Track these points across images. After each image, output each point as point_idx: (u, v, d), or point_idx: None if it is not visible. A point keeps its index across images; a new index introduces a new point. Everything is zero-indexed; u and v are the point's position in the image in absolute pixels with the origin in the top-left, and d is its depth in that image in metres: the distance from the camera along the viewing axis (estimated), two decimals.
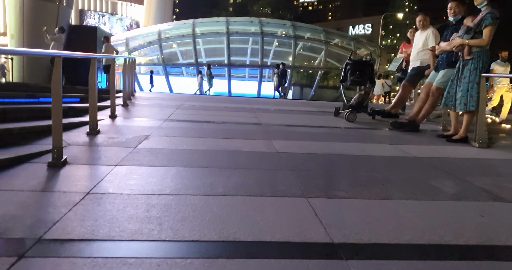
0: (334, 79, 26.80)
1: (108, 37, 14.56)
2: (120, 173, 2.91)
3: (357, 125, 6.18)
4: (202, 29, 23.52)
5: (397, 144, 4.72)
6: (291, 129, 5.47)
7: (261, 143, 4.31)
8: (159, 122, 5.46)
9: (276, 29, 24.65)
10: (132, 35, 23.79)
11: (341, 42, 25.27)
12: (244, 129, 5.35)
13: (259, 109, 7.86)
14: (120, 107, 6.81)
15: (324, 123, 6.41)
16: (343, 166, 3.54)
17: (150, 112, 6.59)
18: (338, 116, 7.19)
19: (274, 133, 5.05)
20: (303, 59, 26.39)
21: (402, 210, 2.47)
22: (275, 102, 11.18)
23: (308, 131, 5.39)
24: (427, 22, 6.89)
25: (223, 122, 5.86)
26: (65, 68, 5.53)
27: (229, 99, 11.43)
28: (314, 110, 8.44)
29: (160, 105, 7.77)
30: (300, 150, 4.06)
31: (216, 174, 3.01)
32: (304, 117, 7.25)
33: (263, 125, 5.68)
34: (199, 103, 8.64)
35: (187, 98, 10.12)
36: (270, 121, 6.31)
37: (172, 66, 24.21)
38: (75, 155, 3.37)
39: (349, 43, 25.05)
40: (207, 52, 25.57)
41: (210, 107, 7.93)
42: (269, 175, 3.09)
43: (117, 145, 3.86)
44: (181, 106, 7.65)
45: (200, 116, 6.44)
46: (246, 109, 7.76)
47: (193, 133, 4.82)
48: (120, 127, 5.03)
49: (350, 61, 6.71)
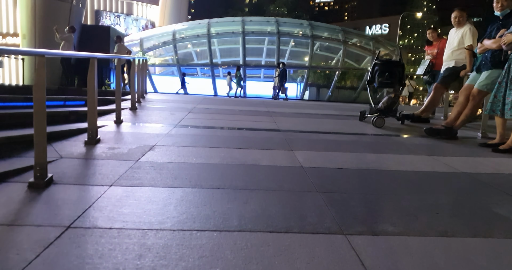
0: (352, 79, 26.08)
1: (121, 37, 14.21)
2: (114, 196, 2.39)
3: (386, 131, 5.58)
4: (218, 29, 23.06)
5: (436, 155, 4.11)
6: (314, 137, 4.90)
7: (281, 155, 3.76)
8: (168, 128, 4.95)
9: (293, 29, 24.04)
10: (146, 35, 23.48)
11: (360, 42, 24.52)
12: (262, 136, 4.80)
13: (277, 113, 7.30)
14: (127, 110, 6.34)
15: (349, 129, 5.82)
16: (382, 186, 2.96)
17: (160, 116, 6.09)
18: (363, 120, 6.59)
19: (296, 142, 4.49)
20: (320, 59, 25.71)
21: (471, 253, 1.89)
22: (292, 104, 10.59)
23: (333, 139, 4.81)
24: (464, 18, 6.25)
25: (238, 128, 5.32)
26: (78, 69, 5.14)
27: (244, 101, 10.90)
28: (336, 114, 7.84)
29: (171, 108, 7.29)
30: (328, 163, 3.50)
31: (230, 198, 2.47)
32: (326, 121, 6.66)
33: (283, 132, 5.12)
34: (213, 106, 8.13)
35: (201, 100, 9.62)
36: (290, 126, 5.75)
37: (186, 66, 23.82)
38: (64, 171, 2.87)
39: (368, 43, 24.30)
40: (222, 52, 25.14)
41: (224, 111, 7.40)
42: (294, 199, 2.53)
43: (117, 157, 3.36)
44: (193, 109, 7.15)
45: (213, 121, 5.91)
46: (262, 113, 7.21)
47: (204, 141, 4.29)
48: (124, 135, 4.54)
49: (379, 61, 6.10)
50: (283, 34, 22.76)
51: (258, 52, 26.02)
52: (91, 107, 3.89)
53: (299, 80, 24.74)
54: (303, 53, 26.01)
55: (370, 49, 23.51)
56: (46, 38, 14.55)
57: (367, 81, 6.35)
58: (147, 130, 4.90)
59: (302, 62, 26.23)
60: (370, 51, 23.44)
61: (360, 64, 25.35)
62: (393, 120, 6.32)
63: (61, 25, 14.61)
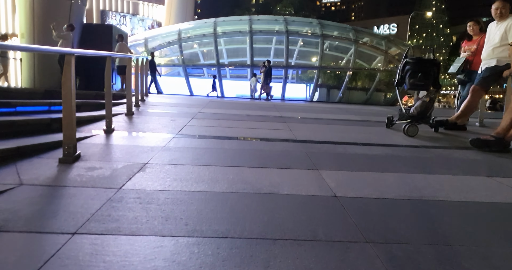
0: (363, 80, 25.19)
1: (123, 36, 13.55)
2: (74, 255, 1.62)
3: (422, 141, 4.76)
4: (224, 28, 22.30)
5: (498, 175, 3.28)
6: (340, 150, 4.09)
7: (305, 177, 2.96)
8: (166, 139, 4.18)
9: (302, 28, 23.21)
10: (151, 35, 22.78)
11: (371, 41, 23.62)
12: (277, 149, 4.01)
13: (291, 118, 6.51)
14: (122, 117, 5.58)
15: (378, 138, 5.00)
16: (453, 229, 2.14)
17: (159, 123, 5.32)
18: (391, 127, 5.78)
19: (320, 157, 3.69)
20: (330, 59, 24.85)
21: None
22: (306, 108, 9.77)
23: (363, 153, 4.00)
24: (507, 10, 5.38)
25: (249, 138, 4.53)
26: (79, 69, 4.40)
27: (253, 105, 10.11)
28: (357, 119, 7.02)
29: (172, 113, 6.52)
30: (368, 191, 2.69)
31: (243, 257, 1.67)
32: (349, 129, 5.84)
33: (301, 143, 4.32)
34: (219, 111, 7.34)
35: (206, 103, 8.85)
36: (308, 135, 4.94)
37: (192, 67, 23.11)
38: (17, 208, 2.09)
39: (380, 43, 23.40)
40: (228, 52, 24.41)
41: (232, 116, 6.61)
42: (337, 257, 1.73)
43: (95, 183, 2.58)
44: (197, 114, 6.38)
45: (219, 129, 5.11)
46: (275, 118, 6.42)
47: (208, 157, 3.51)
48: (112, 148, 3.76)
49: (411, 60, 5.28)
50: (292, 33, 21.94)
51: (266, 52, 25.20)
52: (67, 115, 3.13)
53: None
54: (312, 53, 25.17)
55: (382, 49, 22.63)
56: (45, 37, 13.89)
57: (395, 83, 5.53)
58: (141, 142, 4.12)
59: (311, 62, 25.39)
60: (382, 51, 22.56)
61: (371, 64, 24.48)
62: (425, 127, 5.50)
63: (61, 23, 13.96)
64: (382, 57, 23.75)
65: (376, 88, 22.99)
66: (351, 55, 24.41)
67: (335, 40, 23.07)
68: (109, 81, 4.48)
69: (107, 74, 4.47)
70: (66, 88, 3.07)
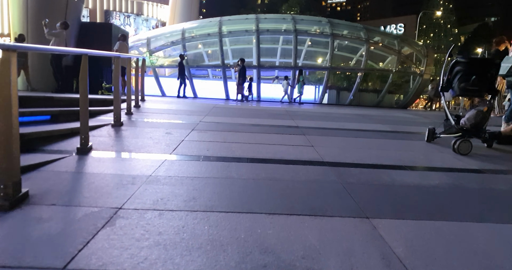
0: (375, 81, 24.14)
1: (126, 36, 12.68)
2: None
3: (479, 161, 3.74)
4: (230, 27, 21.35)
5: None
6: (385, 178, 3.07)
7: (354, 233, 1.97)
8: (156, 162, 3.20)
9: (311, 27, 22.19)
10: (154, 35, 21.86)
11: (383, 41, 22.53)
12: (303, 177, 2.99)
13: (310, 129, 5.50)
14: (107, 128, 4.61)
15: (424, 158, 3.98)
16: None
17: (151, 137, 4.32)
18: (433, 142, 4.77)
19: (363, 193, 2.68)
20: (340, 59, 23.82)
21: None
22: (322, 114, 8.73)
23: (419, 184, 2.97)
24: None
25: (262, 160, 3.53)
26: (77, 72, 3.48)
27: (263, 111, 9.09)
28: (387, 130, 6.00)
29: (170, 123, 5.53)
30: (462, 261, 1.70)
31: None
32: (383, 144, 4.79)
33: (332, 167, 3.31)
34: (225, 119, 6.35)
35: (210, 109, 7.86)
36: (338, 154, 3.93)
37: (196, 68, 22.19)
38: None
39: (392, 42, 22.31)
40: (234, 52, 23.42)
41: (240, 127, 5.60)
42: None
43: (24, 256, 1.60)
44: (198, 124, 5.39)
45: (225, 146, 4.10)
46: (290, 129, 5.42)
47: (209, 195, 2.51)
48: (80, 180, 2.77)
49: (463, 59, 4.25)
50: (300, 32, 20.92)
51: (273, 52, 24.19)
52: (5, 139, 2.16)
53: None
54: (321, 53, 24.12)
55: (395, 49, 21.54)
56: (40, 35, 13.03)
57: (440, 88, 4.52)
58: (122, 168, 3.13)
59: (320, 63, 24.36)
60: (395, 50, 21.48)
61: (383, 65, 23.42)
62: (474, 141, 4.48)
63: (57, 21, 13.10)
64: (395, 57, 22.68)
65: (389, 90, 21.89)
66: (362, 55, 23.37)
67: (345, 39, 21.99)
68: (84, 85, 3.50)
69: (83, 79, 3.50)
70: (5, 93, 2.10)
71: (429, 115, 10.14)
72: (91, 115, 5.52)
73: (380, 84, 23.32)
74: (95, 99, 6.55)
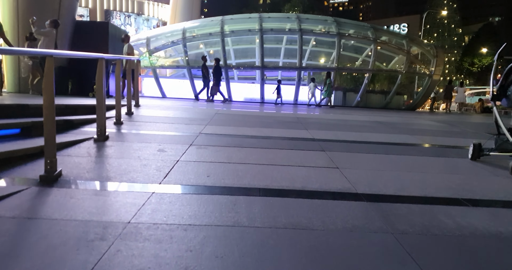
0: (382, 82, 23.30)
1: (129, 36, 11.96)
2: None
3: None
4: (232, 26, 20.55)
5: None
6: (448, 223, 2.26)
7: None
8: (138, 199, 2.41)
9: (316, 26, 21.36)
10: (154, 34, 21.06)
11: (391, 40, 21.68)
12: (339, 226, 2.18)
13: (329, 142, 4.69)
14: (89, 145, 3.82)
15: (480, 185, 3.16)
16: None
17: (139, 157, 3.52)
18: (478, 160, 3.97)
19: (427, 250, 1.88)
20: (347, 59, 23.00)
21: None
22: (338, 122, 7.90)
23: (498, 232, 2.17)
24: None
25: (279, 192, 2.73)
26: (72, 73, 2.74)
27: (271, 118, 8.27)
28: (418, 143, 5.18)
29: (164, 135, 4.73)
30: None
31: None
32: (423, 164, 3.93)
33: (372, 203, 2.52)
34: (228, 129, 5.54)
35: (212, 115, 7.07)
36: (374, 182, 3.11)
37: (198, 68, 21.38)
38: None
39: (401, 42, 21.49)
40: (236, 53, 22.68)
41: (247, 140, 4.77)
42: None
43: None
44: (198, 136, 4.60)
45: (229, 170, 3.27)
46: (307, 143, 4.61)
47: (209, 262, 1.71)
48: (28, 232, 1.97)
49: None
50: (305, 31, 20.07)
51: (276, 52, 23.40)
52: None
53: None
54: (327, 53, 23.30)
55: (404, 49, 20.73)
56: None
57: (491, 97, 3.72)
58: (92, 210, 2.31)
59: (326, 63, 23.55)
60: (404, 50, 20.67)
61: (391, 65, 22.63)
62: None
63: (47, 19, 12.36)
64: (403, 57, 21.85)
65: (397, 91, 21.05)
66: (368, 56, 22.54)
67: (352, 39, 21.17)
68: (50, 92, 2.72)
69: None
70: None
71: (453, 121, 9.30)
72: (74, 126, 4.75)
73: (387, 85, 22.49)
74: (83, 106, 5.76)
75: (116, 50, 13.83)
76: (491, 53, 49.63)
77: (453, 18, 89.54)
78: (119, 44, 14.09)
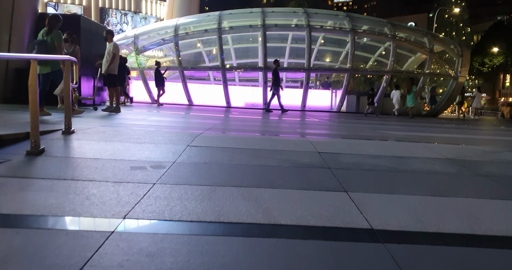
0: (401, 85, 20.71)
1: (112, 33, 9.58)
2: None
3: None
4: (232, 22, 18.01)
5: None
6: None
7: None
8: None
9: (326, 21, 18.82)
10: (143, 31, 18.60)
11: (410, 38, 19.16)
12: None
13: (347, 169, 2.25)
14: None
15: None
16: None
17: None
18: None
19: None
20: (361, 60, 20.46)
21: None
22: (389, 161, 5.39)
23: None
24: None
25: None
26: None
27: (277, 155, 5.77)
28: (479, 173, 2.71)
29: (131, 160, 2.28)
30: None
31: None
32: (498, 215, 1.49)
33: None
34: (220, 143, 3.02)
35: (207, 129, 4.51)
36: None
37: (191, 70, 18.91)
38: None
39: (422, 39, 18.99)
40: (237, 52, 20.18)
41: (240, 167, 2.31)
42: None
43: None
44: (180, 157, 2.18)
45: None
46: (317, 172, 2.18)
47: None
48: None
49: None
50: (314, 28, 17.56)
51: (281, 51, 20.96)
52: None
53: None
54: (339, 53, 20.87)
55: (426, 48, 18.22)
56: None
57: None
58: None
59: (339, 64, 21.07)
60: (426, 49, 18.14)
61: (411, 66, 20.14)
62: None
63: (1, 12, 10.03)
64: (421, 56, 19.39)
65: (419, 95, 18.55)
66: (382, 55, 20.08)
67: (368, 35, 18.69)
68: None
69: None
70: None
71: None
72: None
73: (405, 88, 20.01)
74: None
75: (93, 48, 11.48)
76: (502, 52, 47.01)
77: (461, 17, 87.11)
78: (96, 41, 11.70)
